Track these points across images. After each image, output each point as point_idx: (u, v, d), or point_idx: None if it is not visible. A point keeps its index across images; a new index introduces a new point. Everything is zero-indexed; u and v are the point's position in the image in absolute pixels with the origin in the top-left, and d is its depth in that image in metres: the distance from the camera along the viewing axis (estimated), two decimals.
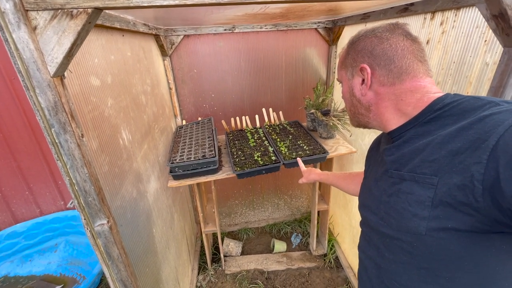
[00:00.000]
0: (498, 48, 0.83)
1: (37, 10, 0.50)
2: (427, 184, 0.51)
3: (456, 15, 0.96)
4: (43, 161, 2.12)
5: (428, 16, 1.11)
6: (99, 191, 0.70)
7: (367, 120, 0.69)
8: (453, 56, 1.00)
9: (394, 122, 0.63)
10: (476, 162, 0.44)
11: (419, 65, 0.59)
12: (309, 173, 1.27)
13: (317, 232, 2.35)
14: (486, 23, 0.84)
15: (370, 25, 0.68)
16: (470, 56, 0.93)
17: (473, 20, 0.90)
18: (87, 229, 0.73)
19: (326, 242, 2.28)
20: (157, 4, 0.52)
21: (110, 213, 0.75)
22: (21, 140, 2.01)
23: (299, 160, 1.39)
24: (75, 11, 0.51)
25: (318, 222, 2.31)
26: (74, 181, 0.66)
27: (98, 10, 0.52)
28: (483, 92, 0.89)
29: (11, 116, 1.91)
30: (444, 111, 0.54)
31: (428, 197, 0.50)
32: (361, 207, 0.76)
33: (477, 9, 0.88)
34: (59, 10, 0.50)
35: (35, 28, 0.50)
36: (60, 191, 2.27)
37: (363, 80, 0.63)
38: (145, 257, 1.09)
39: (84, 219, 0.72)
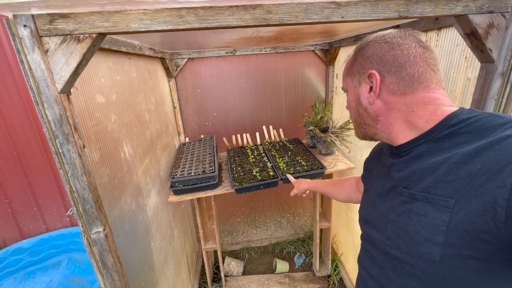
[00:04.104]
0: (477, 64, 0.87)
1: (49, 36, 0.58)
2: (442, 207, 0.48)
3: (438, 34, 1.02)
4: (52, 178, 2.20)
5: None
6: (97, 199, 0.74)
7: (374, 131, 0.64)
8: None
9: (404, 135, 0.59)
10: (499, 186, 0.41)
11: (432, 74, 0.56)
12: (299, 183, 1.27)
13: (320, 251, 2.30)
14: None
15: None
16: (454, 72, 0.97)
17: (453, 39, 0.96)
18: (84, 236, 0.76)
19: (330, 262, 2.21)
20: (152, 29, 0.59)
21: (107, 221, 0.78)
22: (33, 157, 2.11)
23: (289, 175, 1.42)
24: (81, 36, 0.58)
25: (321, 242, 2.26)
26: (74, 189, 0.70)
27: (101, 35, 0.60)
28: (467, 106, 0.92)
29: (25, 134, 2.03)
30: (460, 127, 0.51)
31: (443, 221, 0.47)
32: (363, 222, 0.73)
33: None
34: (68, 36, 0.58)
35: (46, 51, 0.58)
36: (66, 207, 2.32)
37: (371, 88, 0.60)
38: (142, 270, 1.10)
39: (82, 226, 0.75)
